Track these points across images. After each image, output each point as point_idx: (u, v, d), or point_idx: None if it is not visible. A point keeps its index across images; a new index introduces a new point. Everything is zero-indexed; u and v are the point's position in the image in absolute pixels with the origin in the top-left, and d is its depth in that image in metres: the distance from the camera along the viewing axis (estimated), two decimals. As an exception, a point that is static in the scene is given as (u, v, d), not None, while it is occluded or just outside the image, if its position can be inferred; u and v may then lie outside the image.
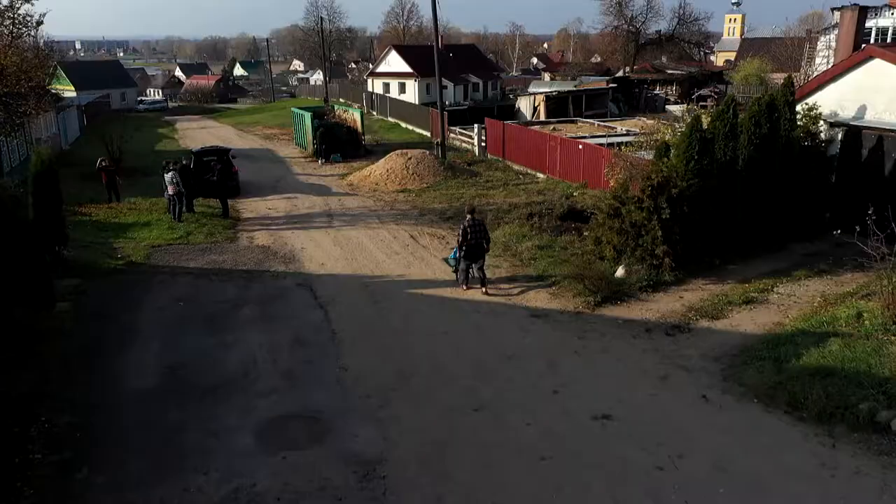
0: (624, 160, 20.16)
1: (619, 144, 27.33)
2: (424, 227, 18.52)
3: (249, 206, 22.30)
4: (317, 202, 22.68)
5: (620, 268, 13.16)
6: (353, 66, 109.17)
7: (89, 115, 51.49)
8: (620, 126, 34.90)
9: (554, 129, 34.57)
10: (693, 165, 12.76)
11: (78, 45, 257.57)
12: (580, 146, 24.36)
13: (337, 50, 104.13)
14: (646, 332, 11.13)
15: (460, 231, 13.02)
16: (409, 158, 25.93)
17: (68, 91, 71.37)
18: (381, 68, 58.66)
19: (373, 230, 18.66)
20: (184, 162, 21.28)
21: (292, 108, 36.95)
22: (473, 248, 12.99)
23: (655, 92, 53.08)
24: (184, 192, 19.65)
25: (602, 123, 36.48)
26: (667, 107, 49.72)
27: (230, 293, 13.56)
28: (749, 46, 68.45)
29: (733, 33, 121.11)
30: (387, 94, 52.65)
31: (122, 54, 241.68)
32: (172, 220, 19.55)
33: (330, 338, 11.34)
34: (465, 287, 13.42)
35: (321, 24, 56.88)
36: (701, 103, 48.04)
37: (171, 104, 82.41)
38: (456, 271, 13.78)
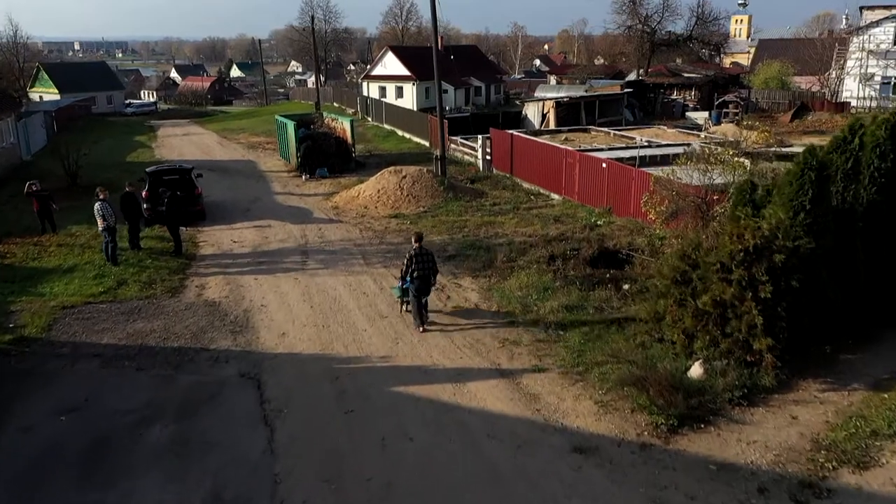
0: (668, 188, 16.30)
1: (665, 157, 23.57)
2: (420, 274, 14.62)
3: (212, 237, 18.59)
4: (293, 232, 18.95)
5: (697, 364, 9.16)
6: (352, 67, 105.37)
7: (62, 120, 47.20)
8: (639, 136, 31.18)
9: (566, 139, 31.04)
10: (803, 218, 8.79)
11: (77, 46, 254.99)
12: (603, 164, 20.60)
13: (334, 51, 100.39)
14: (759, 494, 7.10)
15: (405, 260, 11.75)
16: (404, 177, 22.31)
17: (51, 94, 67.87)
18: (377, 71, 54.79)
19: (355, 276, 14.88)
20: (127, 189, 17.35)
21: (276, 116, 33.04)
22: (419, 282, 11.58)
23: (673, 97, 49.12)
24: (115, 227, 15.81)
25: (618, 133, 32.76)
26: (686, 113, 45.78)
27: (142, 394, 9.58)
28: (766, 48, 64.71)
29: (740, 35, 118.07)
30: (383, 99, 48.75)
31: (120, 55, 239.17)
32: (106, 263, 15.72)
33: (269, 492, 7.39)
34: (421, 329, 11.77)
35: (313, 23, 52.93)
36: (724, 110, 44.26)
37: (163, 107, 78.74)
38: (401, 303, 12.64)
